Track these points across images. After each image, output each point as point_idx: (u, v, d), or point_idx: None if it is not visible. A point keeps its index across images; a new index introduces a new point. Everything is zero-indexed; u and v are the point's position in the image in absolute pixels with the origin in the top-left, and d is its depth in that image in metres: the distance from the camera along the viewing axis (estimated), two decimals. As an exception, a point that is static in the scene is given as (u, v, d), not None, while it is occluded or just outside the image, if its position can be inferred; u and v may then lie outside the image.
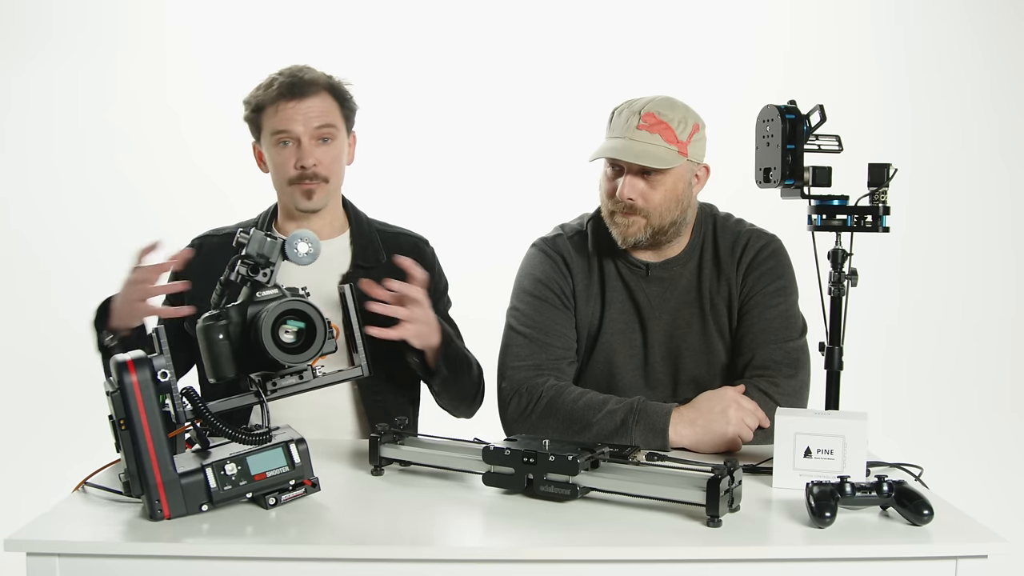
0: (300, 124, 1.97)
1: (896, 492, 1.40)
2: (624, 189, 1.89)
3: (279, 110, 1.98)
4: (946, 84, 4.57)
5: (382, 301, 1.82)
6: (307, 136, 1.97)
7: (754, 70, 4.37)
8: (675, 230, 1.96)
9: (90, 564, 1.31)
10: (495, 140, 4.42)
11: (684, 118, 1.90)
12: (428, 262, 2.09)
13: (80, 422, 3.46)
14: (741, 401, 1.81)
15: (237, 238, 1.48)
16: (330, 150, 2.01)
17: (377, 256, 2.06)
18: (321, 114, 1.99)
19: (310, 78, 2.00)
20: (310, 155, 1.97)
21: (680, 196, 1.93)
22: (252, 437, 1.45)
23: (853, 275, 1.69)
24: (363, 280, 1.84)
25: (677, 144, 1.88)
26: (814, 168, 1.70)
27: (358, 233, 2.09)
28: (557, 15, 4.48)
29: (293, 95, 1.98)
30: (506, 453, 1.51)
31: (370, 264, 2.05)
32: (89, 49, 4.42)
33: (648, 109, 1.88)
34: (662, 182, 1.90)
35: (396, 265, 1.92)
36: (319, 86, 2.01)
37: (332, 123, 2.01)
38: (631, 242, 1.94)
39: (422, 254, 2.10)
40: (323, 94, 2.01)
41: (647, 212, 1.91)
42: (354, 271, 2.04)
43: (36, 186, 4.46)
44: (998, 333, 4.59)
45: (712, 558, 1.32)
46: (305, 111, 1.98)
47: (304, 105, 1.98)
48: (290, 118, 1.97)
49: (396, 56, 4.18)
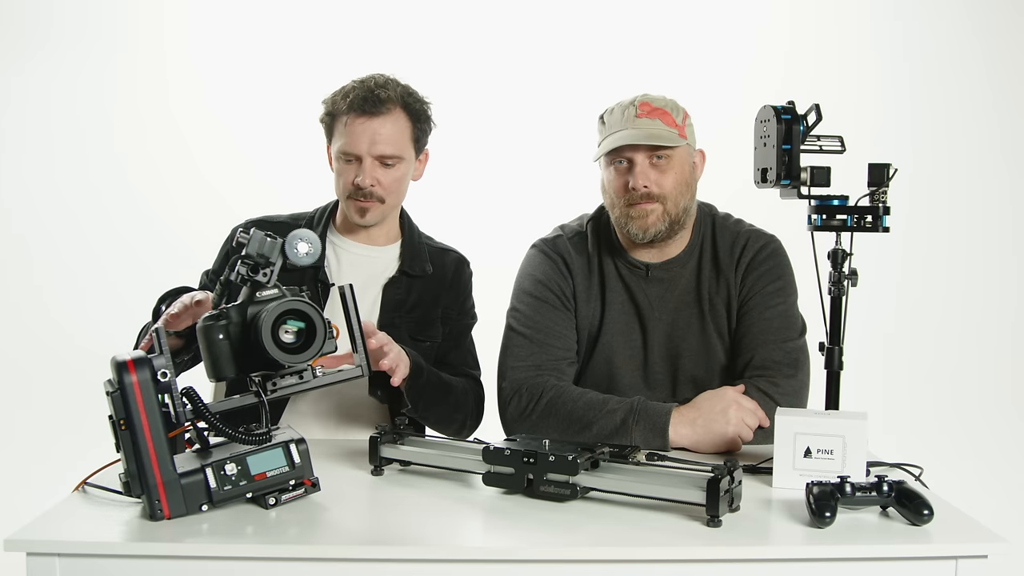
0: (364, 145, 1.98)
1: (896, 492, 1.40)
2: (638, 178, 1.90)
3: (348, 125, 1.99)
4: (946, 84, 4.57)
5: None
6: (369, 158, 1.98)
7: (754, 70, 4.37)
8: (684, 220, 1.97)
9: (90, 564, 1.31)
10: (495, 141, 4.41)
11: (675, 106, 1.95)
12: (464, 281, 2.19)
13: (80, 422, 3.46)
14: (741, 401, 1.81)
15: (237, 238, 1.48)
16: (391, 172, 2.02)
17: (423, 267, 2.12)
18: (388, 139, 1.99)
19: (385, 96, 1.99)
20: (368, 176, 1.99)
21: (688, 180, 1.96)
22: (252, 437, 1.45)
23: (853, 275, 1.69)
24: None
25: (676, 127, 1.92)
26: (812, 168, 1.70)
27: (408, 244, 2.14)
28: (557, 15, 4.48)
29: (364, 111, 1.98)
30: (506, 453, 1.51)
31: (416, 274, 2.11)
32: (89, 49, 4.41)
33: (641, 100, 1.93)
34: (671, 166, 1.92)
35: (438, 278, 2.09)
36: (393, 104, 2.00)
37: (398, 152, 2.01)
38: (652, 233, 1.94)
39: (461, 272, 2.19)
40: (396, 113, 2.00)
41: (663, 198, 1.92)
42: (399, 276, 2.10)
43: (35, 186, 4.45)
44: (998, 333, 4.58)
45: (712, 558, 1.32)
46: (372, 133, 1.98)
47: (373, 124, 1.98)
48: (357, 137, 1.98)
49: (396, 58, 4.17)
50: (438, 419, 2.03)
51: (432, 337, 2.09)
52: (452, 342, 2.15)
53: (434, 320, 2.12)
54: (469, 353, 2.19)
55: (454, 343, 2.15)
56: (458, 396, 2.05)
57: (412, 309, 2.08)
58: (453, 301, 2.15)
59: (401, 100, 2.01)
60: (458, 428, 2.07)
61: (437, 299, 2.13)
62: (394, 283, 2.09)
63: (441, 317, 2.13)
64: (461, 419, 2.06)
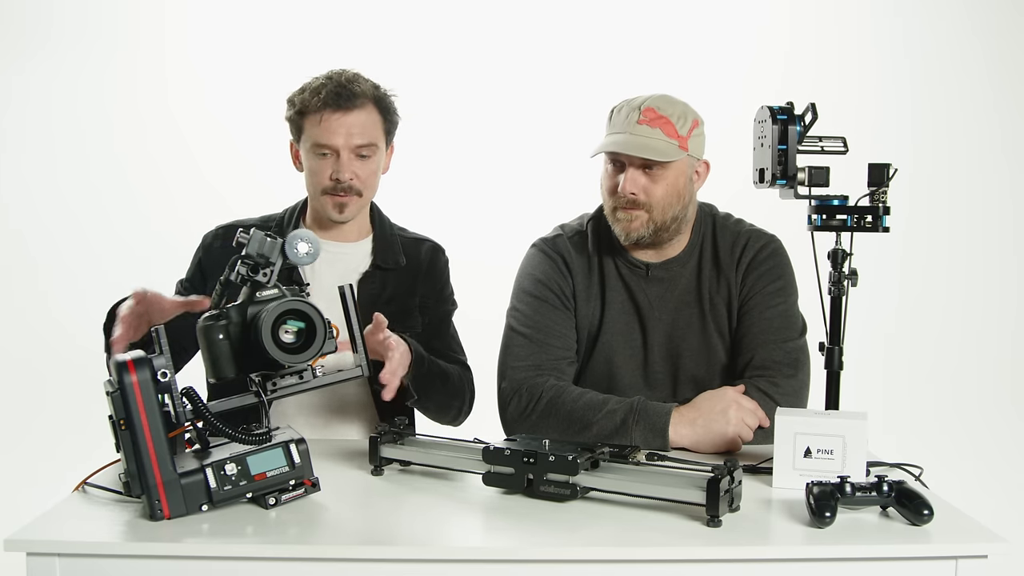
0: (341, 138, 1.97)
1: (896, 492, 1.40)
2: (626, 184, 1.90)
3: (322, 120, 1.98)
4: (947, 83, 4.57)
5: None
6: (347, 151, 1.98)
7: (754, 70, 4.37)
8: (676, 227, 1.96)
9: (90, 564, 1.31)
10: (495, 141, 4.42)
11: (684, 114, 1.91)
12: (439, 269, 2.18)
13: (80, 422, 3.46)
14: (741, 401, 1.81)
15: (237, 238, 1.48)
16: (367, 165, 2.02)
17: (396, 259, 2.11)
18: (363, 131, 1.99)
19: (359, 90, 1.99)
20: (347, 169, 1.98)
21: (681, 191, 1.93)
22: (252, 437, 1.45)
23: (853, 275, 1.69)
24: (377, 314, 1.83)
25: (678, 139, 1.89)
26: (811, 168, 1.70)
27: (380, 237, 2.14)
28: (557, 15, 4.48)
29: (338, 106, 1.97)
30: (506, 453, 1.51)
31: (389, 266, 2.10)
32: (89, 49, 4.42)
33: (648, 104, 1.90)
34: (664, 176, 1.90)
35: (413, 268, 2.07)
36: (366, 98, 2.00)
37: (373, 141, 2.01)
38: (634, 238, 1.94)
39: (436, 260, 2.18)
40: (368, 107, 2.01)
41: (649, 206, 1.91)
42: (372, 271, 2.09)
43: (35, 186, 4.46)
44: (998, 333, 4.58)
45: (712, 558, 1.32)
46: (348, 125, 1.97)
47: (348, 119, 1.97)
48: (333, 131, 1.97)
49: (396, 58, 4.17)
50: (438, 407, 2.03)
51: (411, 327, 2.06)
52: (433, 330, 2.13)
53: (411, 310, 2.10)
54: (453, 339, 2.18)
55: (435, 331, 2.13)
56: (455, 382, 2.05)
57: (389, 302, 2.06)
58: (430, 290, 2.14)
59: (372, 94, 2.02)
60: (455, 415, 2.08)
61: (413, 289, 2.12)
62: (368, 278, 2.08)
63: (419, 306, 2.12)
64: (459, 405, 2.07)
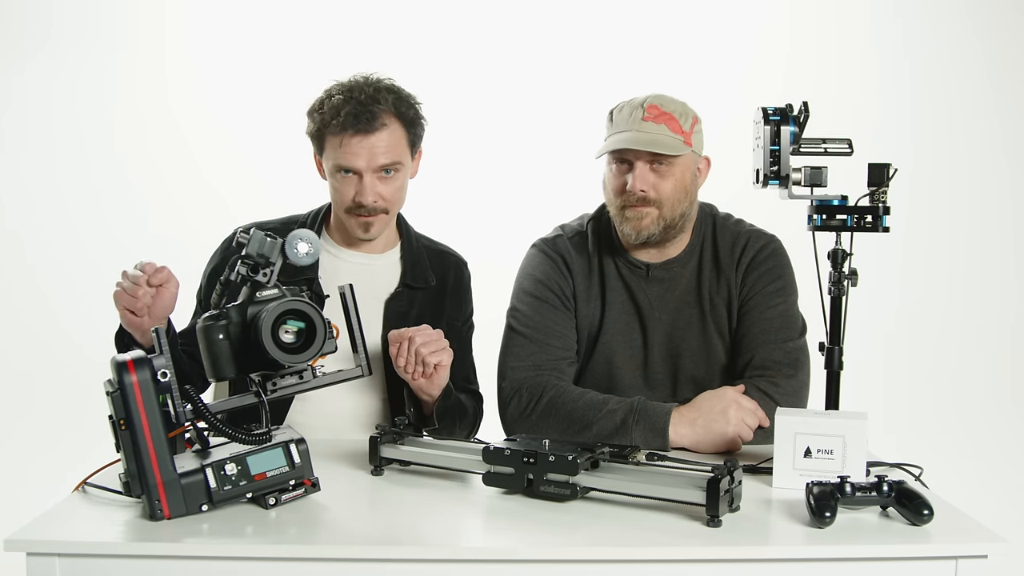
0: (363, 160, 1.90)
1: (896, 492, 1.40)
2: (636, 181, 1.90)
3: (343, 143, 1.90)
4: (947, 84, 4.57)
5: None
6: (369, 172, 1.92)
7: (754, 70, 4.37)
8: (682, 224, 1.97)
9: (90, 564, 1.31)
10: (495, 141, 4.42)
11: (684, 111, 1.93)
12: (464, 287, 2.15)
13: (80, 422, 3.46)
14: (741, 401, 1.81)
15: (237, 238, 1.48)
16: (392, 182, 1.96)
17: (425, 277, 2.07)
18: (387, 151, 1.92)
19: (379, 110, 1.90)
20: (370, 192, 1.92)
21: (688, 187, 1.94)
22: (252, 437, 1.45)
23: (853, 275, 1.69)
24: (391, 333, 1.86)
25: (682, 134, 1.90)
26: (809, 168, 1.70)
27: (408, 250, 2.09)
28: (557, 15, 4.48)
29: (359, 129, 1.88)
30: (506, 453, 1.51)
31: (418, 285, 2.07)
32: (89, 49, 4.42)
33: (651, 102, 1.91)
34: (671, 172, 1.91)
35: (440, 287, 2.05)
36: (388, 115, 1.91)
37: (398, 159, 1.94)
38: (645, 236, 1.93)
39: (461, 278, 2.15)
40: (392, 125, 1.92)
41: (659, 203, 1.91)
42: (402, 290, 2.05)
43: (35, 186, 4.46)
44: (998, 333, 4.58)
45: (712, 558, 1.32)
46: (370, 147, 1.90)
47: (370, 140, 1.90)
48: (355, 154, 1.90)
49: (397, 58, 4.18)
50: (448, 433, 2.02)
51: None
52: (456, 355, 2.01)
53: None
54: (471, 366, 2.15)
55: (458, 357, 2.02)
56: (469, 418, 2.05)
57: (416, 323, 1.96)
58: (456, 310, 2.11)
59: (394, 109, 1.93)
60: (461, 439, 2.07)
61: (441, 311, 2.08)
62: (396, 297, 2.04)
63: (446, 329, 2.01)
64: (463, 436, 2.05)
